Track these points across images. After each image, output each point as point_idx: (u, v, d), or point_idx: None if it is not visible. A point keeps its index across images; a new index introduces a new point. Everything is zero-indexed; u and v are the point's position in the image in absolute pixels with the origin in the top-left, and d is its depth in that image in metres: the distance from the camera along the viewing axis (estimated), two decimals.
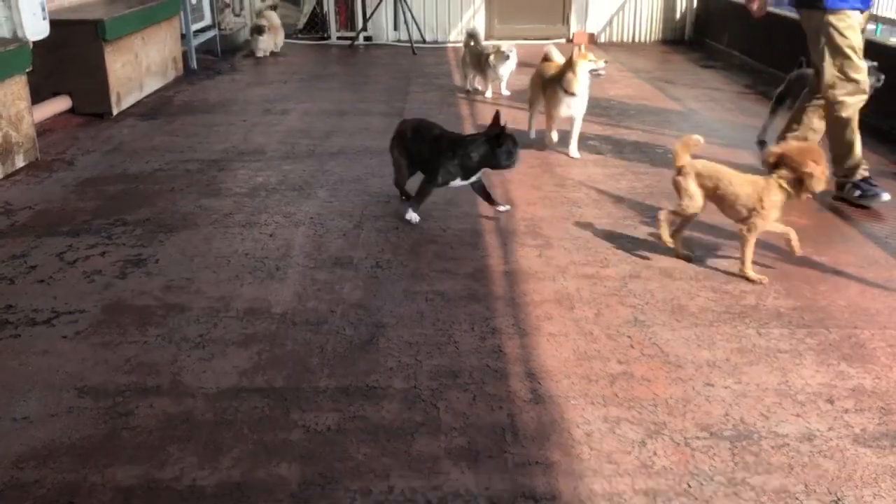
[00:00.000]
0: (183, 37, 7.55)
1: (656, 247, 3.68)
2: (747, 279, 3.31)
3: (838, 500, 2.12)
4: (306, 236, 3.79)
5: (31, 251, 3.62)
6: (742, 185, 3.30)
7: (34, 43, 5.00)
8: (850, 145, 4.18)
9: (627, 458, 2.27)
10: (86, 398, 2.53)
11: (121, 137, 5.44)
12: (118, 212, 4.10)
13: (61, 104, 5.78)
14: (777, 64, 7.29)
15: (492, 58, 6.32)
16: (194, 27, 7.80)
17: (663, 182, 4.54)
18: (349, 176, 4.65)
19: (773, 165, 3.28)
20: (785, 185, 3.22)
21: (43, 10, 5.05)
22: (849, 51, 4.01)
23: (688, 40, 9.35)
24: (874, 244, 3.74)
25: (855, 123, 4.15)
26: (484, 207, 4.13)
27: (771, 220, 3.27)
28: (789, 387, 2.62)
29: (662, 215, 3.48)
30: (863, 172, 4.20)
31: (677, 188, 3.44)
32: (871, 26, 6.14)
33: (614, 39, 9.50)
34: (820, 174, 3.17)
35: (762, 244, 3.72)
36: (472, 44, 6.53)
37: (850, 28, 3.99)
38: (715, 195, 3.37)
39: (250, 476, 2.19)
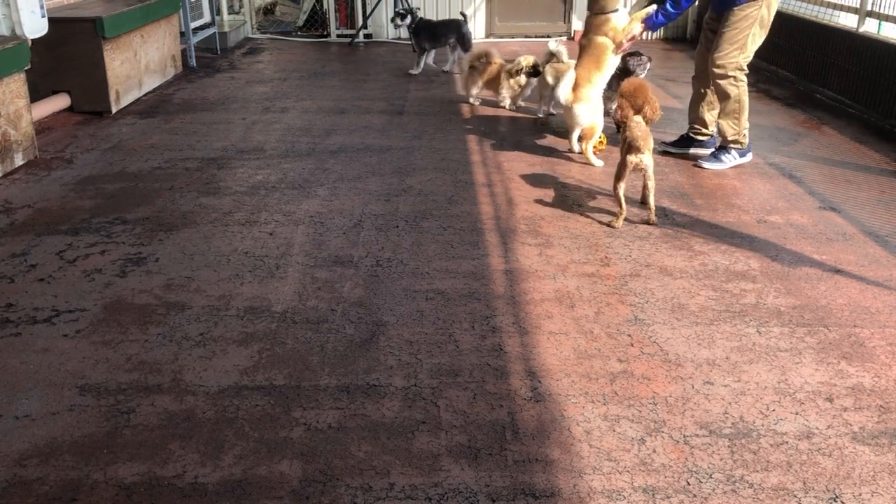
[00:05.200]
0: (182, 34, 7.55)
1: (657, 245, 3.69)
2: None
3: (836, 497, 2.13)
4: (306, 235, 3.79)
5: (30, 250, 3.62)
6: None
7: (33, 41, 5.00)
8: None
9: (627, 456, 2.28)
10: (87, 396, 2.54)
11: (120, 136, 5.44)
12: (118, 210, 4.10)
13: (60, 102, 5.78)
14: (778, 61, 7.29)
15: (549, 78, 5.58)
16: (193, 25, 7.79)
17: (665, 181, 4.55)
18: (349, 174, 4.65)
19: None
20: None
21: (41, 7, 5.05)
22: None
23: (689, 38, 9.35)
24: (874, 243, 3.75)
25: None
26: (484, 206, 4.15)
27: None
28: (788, 385, 2.63)
29: None
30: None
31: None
32: (873, 23, 6.14)
33: None
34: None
35: (761, 242, 3.73)
36: (554, 60, 5.89)
37: None
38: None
39: (251, 473, 2.20)
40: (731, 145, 4.76)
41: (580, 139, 4.83)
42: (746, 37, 4.50)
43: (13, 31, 4.84)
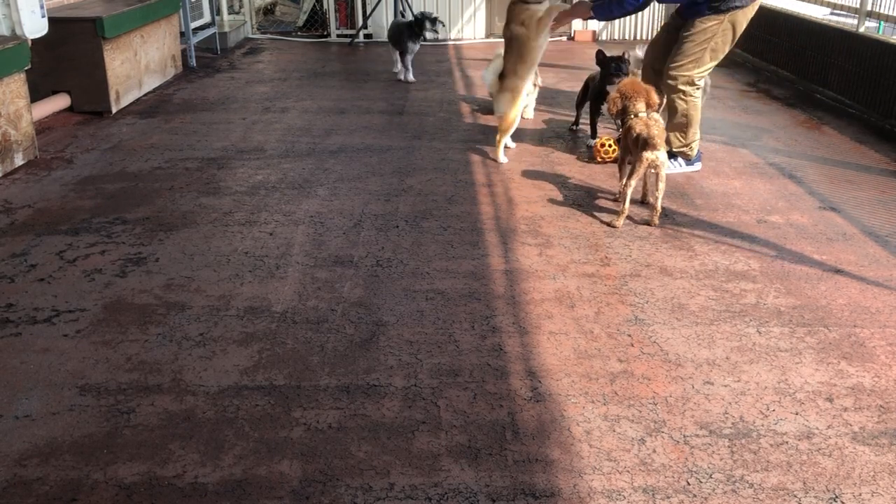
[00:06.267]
0: (182, 34, 7.55)
1: (657, 245, 3.69)
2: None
3: (836, 497, 2.13)
4: (306, 235, 3.79)
5: (30, 250, 3.62)
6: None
7: (33, 41, 5.00)
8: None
9: (627, 456, 2.28)
10: (87, 396, 2.54)
11: (120, 136, 5.44)
12: (118, 210, 4.10)
13: (60, 102, 5.78)
14: (778, 62, 7.29)
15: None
16: (193, 25, 7.79)
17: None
18: (349, 174, 4.66)
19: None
20: None
21: (41, 7, 5.05)
22: None
23: None
24: (875, 243, 3.75)
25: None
26: (484, 206, 4.15)
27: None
28: (789, 385, 2.63)
29: None
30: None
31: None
32: (873, 24, 6.14)
33: (616, 37, 9.49)
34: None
35: (761, 242, 3.73)
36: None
37: None
38: None
39: (252, 473, 2.20)
40: (679, 155, 4.72)
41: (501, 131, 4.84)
42: (703, 51, 4.39)
43: (13, 31, 4.84)
